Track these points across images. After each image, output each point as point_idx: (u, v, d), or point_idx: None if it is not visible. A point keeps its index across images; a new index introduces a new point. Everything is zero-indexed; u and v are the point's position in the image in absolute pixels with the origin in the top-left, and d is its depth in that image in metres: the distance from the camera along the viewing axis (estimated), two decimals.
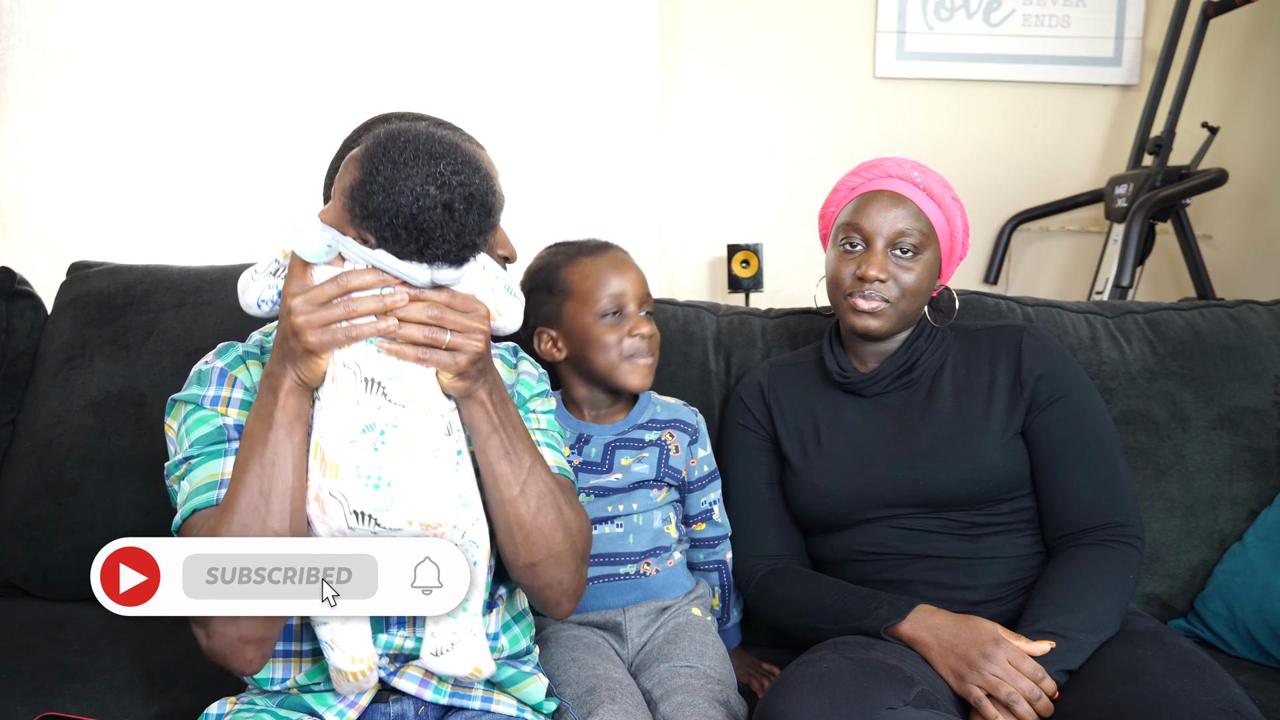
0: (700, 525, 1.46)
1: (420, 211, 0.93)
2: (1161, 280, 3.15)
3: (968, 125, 3.08)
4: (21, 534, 1.58)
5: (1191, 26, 2.85)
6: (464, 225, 0.95)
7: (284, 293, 0.96)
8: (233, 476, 1.01)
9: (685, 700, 1.19)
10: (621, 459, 1.41)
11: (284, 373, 0.97)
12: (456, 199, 0.94)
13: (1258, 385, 1.63)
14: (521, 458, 1.07)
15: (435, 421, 0.98)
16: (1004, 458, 1.32)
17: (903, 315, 1.36)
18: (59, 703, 1.22)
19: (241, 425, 1.07)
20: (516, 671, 1.15)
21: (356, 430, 0.96)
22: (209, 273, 1.73)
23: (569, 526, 1.11)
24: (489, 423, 1.04)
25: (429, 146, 0.95)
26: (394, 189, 0.93)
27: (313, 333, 0.94)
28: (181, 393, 1.11)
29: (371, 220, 0.94)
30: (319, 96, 2.87)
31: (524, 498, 1.07)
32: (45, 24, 2.70)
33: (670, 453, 1.42)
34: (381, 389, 0.96)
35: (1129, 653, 1.16)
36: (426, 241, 0.94)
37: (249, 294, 1.02)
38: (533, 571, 1.11)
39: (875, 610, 1.26)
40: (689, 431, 1.45)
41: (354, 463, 0.96)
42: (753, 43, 3.06)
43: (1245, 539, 1.55)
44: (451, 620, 1.03)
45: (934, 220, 1.35)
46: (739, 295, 2.95)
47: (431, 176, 0.93)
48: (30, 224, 2.73)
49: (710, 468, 1.46)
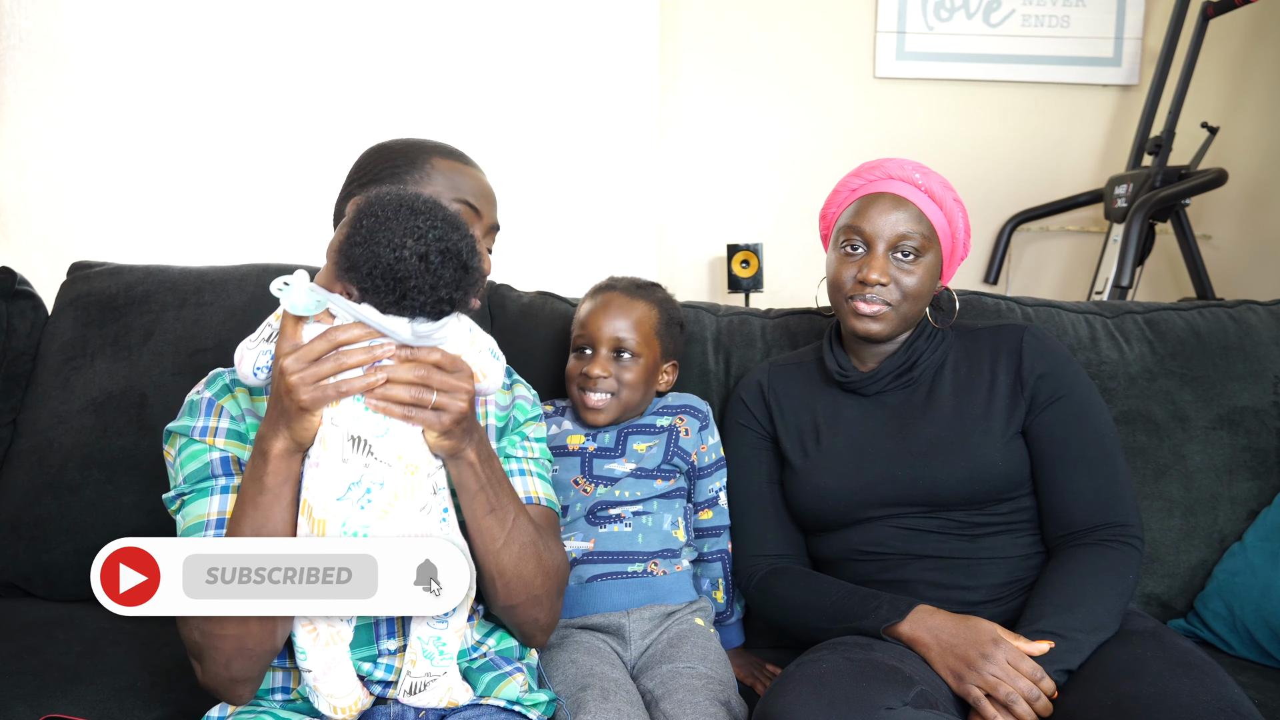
0: (707, 513, 1.50)
1: (396, 262, 0.96)
2: (1161, 280, 3.15)
3: (968, 125, 3.08)
4: (22, 534, 1.58)
5: (1191, 26, 2.85)
6: (439, 278, 0.98)
7: (276, 353, 0.98)
8: (228, 530, 1.04)
9: (686, 699, 1.20)
10: (634, 444, 1.46)
11: (276, 435, 0.99)
12: (432, 251, 0.97)
13: (1257, 385, 1.63)
14: (506, 512, 1.10)
15: (421, 480, 1.01)
16: (1004, 457, 1.32)
17: (904, 318, 1.36)
18: (61, 704, 1.22)
19: (227, 455, 1.11)
20: (493, 676, 1.17)
21: (343, 488, 0.98)
22: (210, 273, 1.73)
23: (548, 571, 1.15)
24: (476, 481, 1.06)
25: (411, 204, 0.99)
26: (374, 241, 0.96)
27: (305, 390, 0.96)
28: (175, 423, 1.14)
29: (353, 272, 0.97)
30: (319, 97, 2.87)
31: (507, 549, 1.10)
32: (45, 24, 2.70)
33: (680, 434, 1.47)
34: (368, 447, 0.98)
35: (1128, 652, 1.17)
36: (403, 292, 0.97)
37: (245, 363, 1.03)
38: (511, 612, 1.15)
39: (875, 610, 1.26)
40: (699, 417, 1.50)
41: (340, 520, 0.98)
42: (753, 43, 3.06)
43: (1245, 539, 1.55)
44: (427, 661, 1.07)
45: (935, 222, 1.35)
46: (739, 295, 2.95)
47: (409, 230, 0.97)
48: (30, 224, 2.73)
49: (718, 456, 1.51)
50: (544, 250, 2.89)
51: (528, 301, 1.71)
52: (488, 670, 1.17)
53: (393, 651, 1.12)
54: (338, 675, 1.05)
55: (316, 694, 1.05)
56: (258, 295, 1.67)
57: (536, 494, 1.23)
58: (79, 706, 1.22)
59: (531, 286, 1.77)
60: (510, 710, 1.13)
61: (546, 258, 2.88)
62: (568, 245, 2.96)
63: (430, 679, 1.08)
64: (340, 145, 1.26)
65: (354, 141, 1.33)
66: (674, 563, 1.43)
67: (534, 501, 1.23)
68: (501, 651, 1.21)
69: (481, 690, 1.15)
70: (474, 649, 1.18)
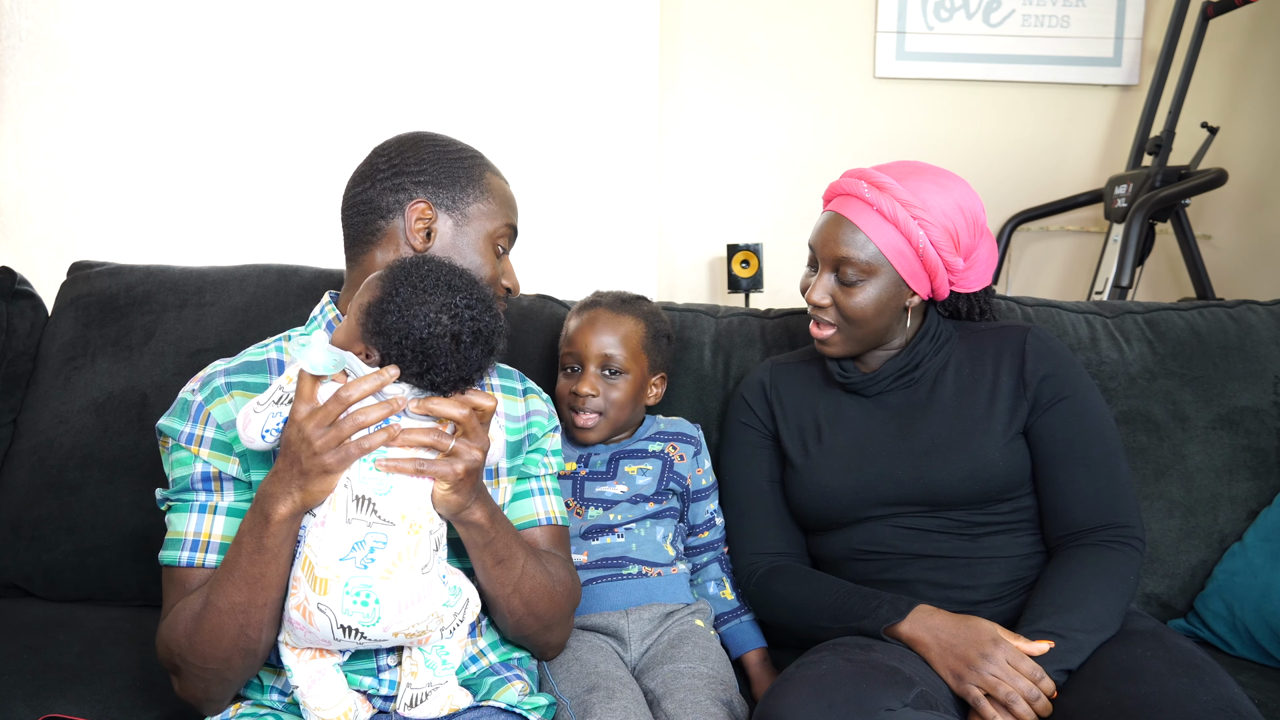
0: (705, 533, 1.50)
1: (430, 337, 0.97)
2: (1161, 280, 3.16)
3: (968, 125, 3.08)
4: (23, 534, 1.58)
5: (1191, 27, 2.85)
6: (467, 358, 0.99)
7: (292, 416, 0.97)
8: (219, 574, 1.03)
9: (688, 698, 1.20)
10: (625, 467, 1.45)
11: (285, 496, 0.97)
12: (465, 331, 0.98)
13: (1257, 385, 1.63)
14: (515, 560, 1.10)
15: (424, 539, 1.00)
16: (1004, 457, 1.32)
17: (857, 340, 1.35)
18: (61, 704, 1.22)
19: (209, 471, 1.10)
20: (493, 681, 1.17)
21: (346, 547, 0.98)
22: (211, 273, 1.73)
23: (558, 601, 1.16)
24: (484, 537, 1.06)
25: (449, 279, 1.00)
26: (408, 311, 0.97)
27: (331, 452, 0.95)
28: (166, 420, 1.13)
29: (381, 337, 0.98)
30: (320, 97, 2.87)
31: (517, 594, 1.11)
32: (45, 24, 2.70)
33: (675, 462, 1.47)
34: (372, 506, 0.98)
35: (1128, 652, 1.17)
36: (429, 367, 0.98)
37: (252, 427, 1.01)
38: (524, 639, 1.18)
39: (875, 610, 1.26)
40: (693, 443, 1.50)
41: (343, 580, 0.98)
42: (753, 43, 3.06)
43: (1245, 539, 1.55)
44: (429, 671, 1.07)
45: (882, 244, 1.30)
46: (739, 295, 2.95)
47: (446, 306, 0.98)
48: (30, 224, 2.73)
49: (711, 480, 1.51)
50: (544, 251, 2.89)
51: (526, 304, 1.71)
52: (488, 676, 1.17)
53: (392, 667, 1.12)
54: (323, 688, 1.05)
55: (305, 707, 1.05)
56: (258, 295, 1.67)
57: (554, 513, 1.24)
58: (79, 706, 1.22)
59: (530, 288, 1.77)
60: (510, 712, 1.13)
61: (546, 259, 2.88)
62: (567, 246, 2.96)
63: (431, 689, 1.08)
64: (340, 146, 1.25)
65: (354, 142, 1.32)
66: (669, 567, 1.43)
67: (551, 522, 1.23)
68: (501, 659, 1.21)
69: (482, 695, 1.15)
70: (474, 660, 1.18)
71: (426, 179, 1.17)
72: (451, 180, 1.18)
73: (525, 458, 1.24)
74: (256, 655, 1.05)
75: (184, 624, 1.05)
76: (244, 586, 1.00)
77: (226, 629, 1.01)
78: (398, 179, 1.17)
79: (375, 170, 1.19)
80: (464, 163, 1.20)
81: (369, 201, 1.18)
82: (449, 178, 1.18)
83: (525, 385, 1.29)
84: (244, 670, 1.06)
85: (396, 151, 1.20)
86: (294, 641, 1.03)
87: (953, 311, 1.45)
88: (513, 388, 1.27)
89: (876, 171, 1.33)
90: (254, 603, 1.00)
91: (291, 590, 1.00)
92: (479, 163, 1.22)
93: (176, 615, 1.06)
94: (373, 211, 1.18)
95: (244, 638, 1.02)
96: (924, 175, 1.33)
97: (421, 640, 1.04)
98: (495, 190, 1.21)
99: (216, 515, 1.10)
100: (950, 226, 1.31)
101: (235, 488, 1.11)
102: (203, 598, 1.03)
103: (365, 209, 1.18)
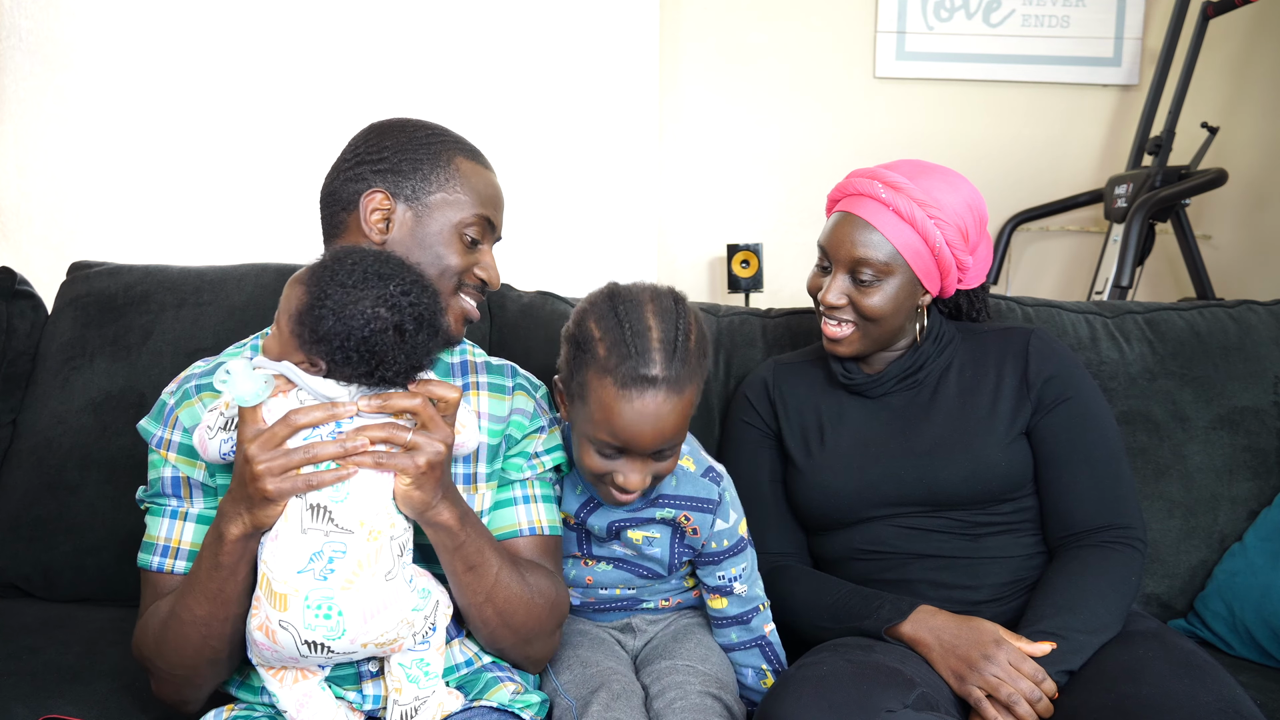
0: (719, 601, 1.30)
1: (373, 334, 0.93)
2: (1161, 280, 3.15)
3: (968, 125, 3.08)
4: (22, 534, 1.57)
5: (1191, 26, 2.85)
6: (414, 346, 0.95)
7: (238, 440, 0.94)
8: (183, 585, 1.02)
9: (677, 697, 1.19)
10: (630, 534, 1.27)
11: (236, 517, 0.95)
12: (407, 319, 0.94)
13: (1257, 385, 1.63)
14: (488, 568, 1.04)
15: (385, 544, 0.96)
16: (1006, 457, 1.32)
17: (874, 339, 1.35)
18: (60, 705, 1.22)
19: (178, 476, 1.09)
20: (488, 680, 1.15)
21: (304, 559, 0.94)
22: (209, 273, 1.72)
23: (538, 615, 1.10)
24: (454, 540, 1.01)
25: (377, 268, 0.95)
26: (344, 312, 0.92)
27: (272, 480, 0.92)
28: (144, 421, 1.12)
29: (322, 344, 0.93)
30: (318, 96, 2.87)
31: (490, 603, 1.06)
32: (45, 24, 2.70)
33: (687, 534, 1.27)
34: (328, 514, 0.94)
35: (1129, 653, 1.17)
36: (377, 364, 0.94)
37: (208, 451, 1.00)
38: (500, 652, 1.14)
39: (877, 610, 1.26)
40: (709, 509, 1.25)
41: (303, 593, 0.94)
42: (753, 43, 3.06)
43: (1245, 539, 1.55)
44: (414, 686, 1.03)
45: (899, 244, 1.29)
46: (739, 295, 2.95)
47: (382, 298, 0.93)
48: (30, 224, 2.73)
49: (731, 541, 1.27)
50: (544, 250, 2.89)
51: (527, 301, 1.71)
52: (482, 674, 1.16)
53: (375, 674, 1.08)
54: (314, 709, 1.03)
55: None
56: (257, 295, 1.67)
57: (539, 523, 1.17)
58: (78, 706, 1.22)
59: (531, 286, 1.77)
60: (504, 711, 1.11)
61: (546, 257, 2.88)
62: (568, 245, 2.96)
63: (420, 702, 1.04)
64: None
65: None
66: (689, 592, 1.37)
67: (536, 532, 1.16)
68: (494, 659, 1.18)
69: (473, 695, 1.13)
70: (468, 663, 1.15)
71: (386, 167, 1.13)
72: (413, 168, 1.13)
73: (505, 461, 1.17)
74: (222, 664, 1.04)
75: (153, 629, 1.05)
76: (204, 601, 0.99)
77: (190, 639, 1.01)
78: (358, 168, 1.14)
79: (342, 160, 1.17)
80: (430, 149, 1.14)
81: (334, 193, 1.15)
82: (410, 165, 1.13)
83: (515, 381, 1.22)
84: (212, 677, 1.06)
85: (363, 140, 1.17)
86: (263, 661, 1.00)
87: (953, 309, 1.46)
88: (501, 385, 1.20)
89: (888, 171, 1.33)
90: (215, 617, 0.99)
91: (253, 610, 0.97)
92: (449, 148, 1.16)
93: (148, 619, 1.07)
94: (336, 203, 1.15)
95: (208, 648, 1.01)
96: (933, 174, 1.33)
97: (394, 649, 1.00)
98: (466, 177, 1.15)
99: (187, 522, 1.09)
100: (962, 224, 1.32)
101: (204, 494, 1.10)
102: (170, 605, 1.03)
103: (330, 200, 1.16)
